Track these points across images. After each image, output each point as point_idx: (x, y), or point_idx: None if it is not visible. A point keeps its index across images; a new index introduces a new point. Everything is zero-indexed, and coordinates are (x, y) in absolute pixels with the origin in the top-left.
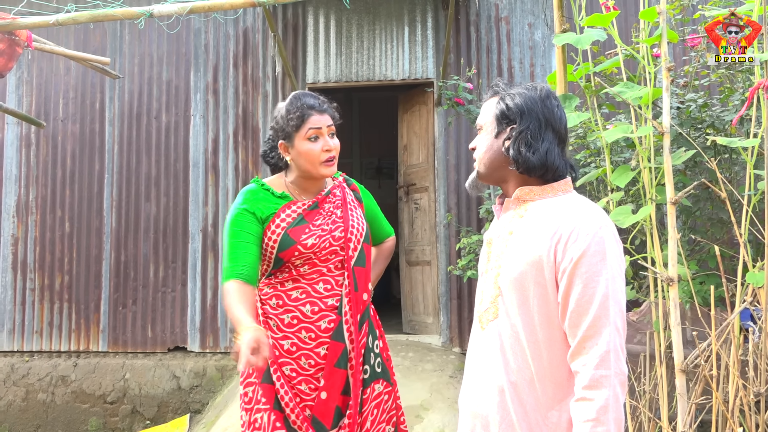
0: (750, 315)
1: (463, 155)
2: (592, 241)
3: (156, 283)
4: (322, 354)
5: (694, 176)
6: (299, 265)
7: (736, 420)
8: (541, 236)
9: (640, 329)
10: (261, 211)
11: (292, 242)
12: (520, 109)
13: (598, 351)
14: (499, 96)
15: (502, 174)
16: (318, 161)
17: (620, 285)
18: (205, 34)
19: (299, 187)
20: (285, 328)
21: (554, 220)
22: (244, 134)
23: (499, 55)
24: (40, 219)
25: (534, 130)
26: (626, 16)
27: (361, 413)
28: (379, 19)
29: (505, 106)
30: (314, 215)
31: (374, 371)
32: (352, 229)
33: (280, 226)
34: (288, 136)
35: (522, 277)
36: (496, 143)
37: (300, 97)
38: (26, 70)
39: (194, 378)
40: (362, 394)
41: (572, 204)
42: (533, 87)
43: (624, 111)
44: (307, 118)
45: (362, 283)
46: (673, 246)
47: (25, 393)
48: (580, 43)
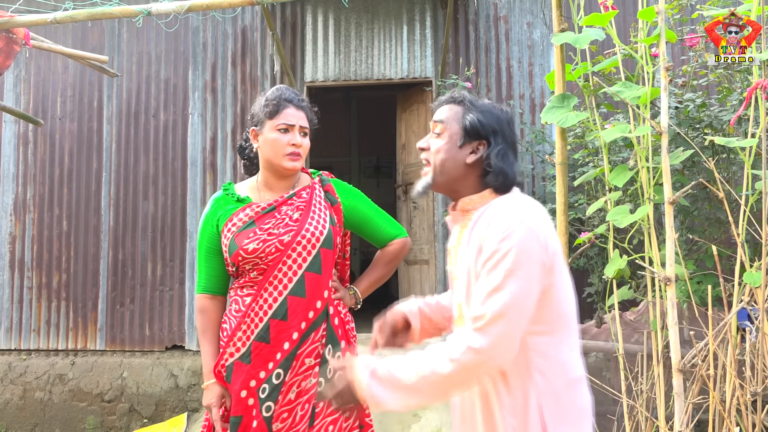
0: (747, 315)
1: None
2: (503, 239)
3: (154, 282)
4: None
5: (692, 176)
6: (249, 270)
7: (733, 420)
8: (473, 246)
9: (638, 329)
10: (220, 219)
11: (235, 247)
12: (493, 129)
13: (477, 311)
14: (464, 106)
15: (460, 185)
16: (282, 152)
17: (523, 285)
18: (203, 33)
19: (266, 186)
20: (233, 333)
21: (483, 228)
22: (243, 133)
23: (497, 54)
24: (37, 217)
25: (504, 150)
26: (625, 16)
27: (313, 426)
28: (378, 17)
29: (478, 122)
30: (266, 219)
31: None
32: (305, 233)
33: (231, 231)
34: (260, 122)
35: (469, 287)
36: (460, 154)
37: (282, 89)
38: (24, 68)
39: (192, 376)
40: (314, 407)
41: (500, 206)
42: (499, 108)
43: (622, 110)
44: (283, 109)
45: (313, 290)
46: (670, 246)
47: (22, 391)
48: (579, 43)
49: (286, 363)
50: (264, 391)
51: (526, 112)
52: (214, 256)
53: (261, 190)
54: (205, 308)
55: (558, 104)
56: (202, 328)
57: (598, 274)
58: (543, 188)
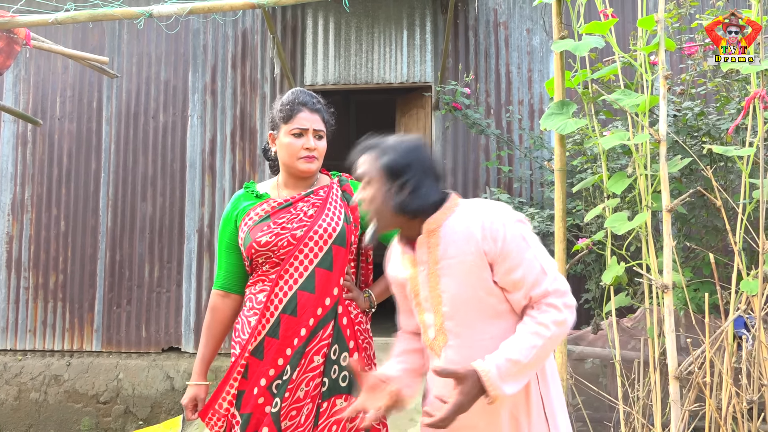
0: (744, 323)
1: (460, 159)
2: (506, 226)
3: (151, 283)
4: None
5: (689, 184)
6: (262, 264)
7: (729, 427)
8: (465, 244)
9: (635, 335)
10: (239, 214)
11: (249, 239)
12: (406, 163)
13: (547, 287)
14: (376, 152)
15: (399, 221)
16: (296, 156)
17: (533, 241)
18: (204, 35)
19: (285, 185)
20: (251, 330)
21: (469, 230)
22: (242, 135)
23: (497, 60)
24: (35, 217)
25: (420, 179)
26: (624, 24)
27: (317, 426)
28: (378, 22)
29: (392, 162)
30: (282, 213)
31: (336, 384)
32: (318, 229)
33: (247, 224)
34: (276, 126)
35: (471, 293)
36: (388, 196)
37: (297, 92)
38: (24, 68)
39: (188, 379)
40: (318, 407)
41: (470, 209)
42: (404, 139)
43: (621, 118)
44: (296, 113)
45: (323, 286)
46: (668, 253)
47: (17, 392)
48: (579, 50)
49: (295, 360)
50: (276, 387)
51: (525, 117)
52: (233, 252)
53: (280, 188)
54: (216, 306)
55: (557, 111)
56: (206, 326)
57: (596, 281)
58: (541, 194)
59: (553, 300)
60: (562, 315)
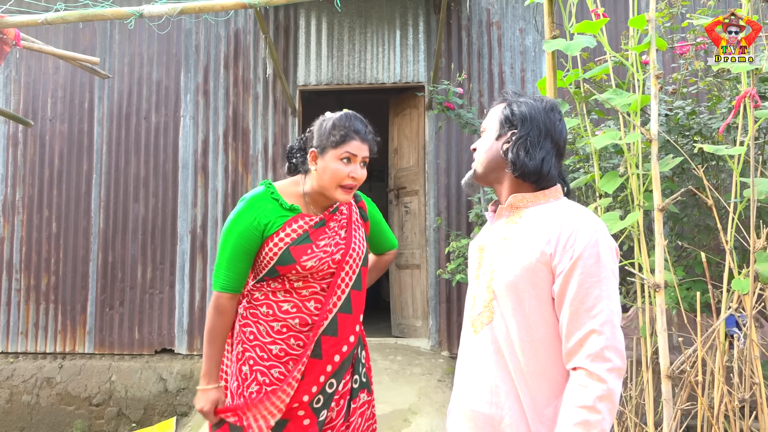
0: (735, 321)
1: (453, 159)
2: (588, 245)
3: (144, 285)
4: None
5: (681, 183)
6: (294, 280)
7: (721, 426)
8: (536, 241)
9: (627, 335)
10: (265, 222)
11: (292, 260)
12: (522, 116)
13: (595, 347)
14: (507, 102)
15: (498, 176)
16: (338, 183)
17: (613, 285)
18: (195, 35)
19: (311, 199)
20: (274, 334)
21: (548, 226)
22: (234, 136)
23: (490, 60)
24: (26, 219)
25: (534, 138)
26: (616, 24)
27: (349, 422)
28: (371, 22)
29: (510, 112)
30: (319, 234)
31: (361, 381)
32: (352, 253)
33: (284, 240)
34: (323, 148)
35: (517, 281)
36: (496, 145)
37: (351, 117)
38: (14, 68)
39: (181, 380)
40: (351, 403)
41: (565, 210)
42: (540, 98)
43: (613, 117)
44: (349, 140)
45: (357, 306)
46: (660, 252)
47: (9, 395)
48: (570, 50)
49: (338, 374)
50: (318, 402)
51: None
52: (249, 257)
53: (308, 204)
54: (224, 309)
55: None
56: (216, 329)
57: None
58: None
59: (597, 366)
60: (604, 387)
